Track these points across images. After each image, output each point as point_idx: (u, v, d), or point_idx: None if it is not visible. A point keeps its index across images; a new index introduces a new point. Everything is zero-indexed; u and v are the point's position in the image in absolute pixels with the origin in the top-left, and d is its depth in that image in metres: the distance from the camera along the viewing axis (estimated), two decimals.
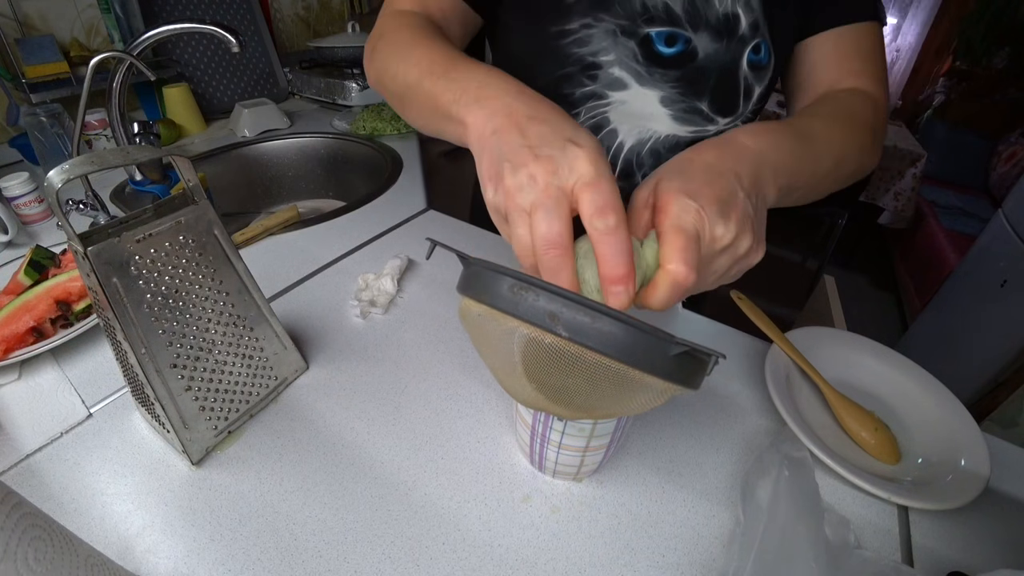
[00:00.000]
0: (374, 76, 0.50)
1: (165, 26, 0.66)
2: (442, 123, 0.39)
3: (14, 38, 0.87)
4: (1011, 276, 1.25)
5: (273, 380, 0.44)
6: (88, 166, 0.31)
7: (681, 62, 0.48)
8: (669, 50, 0.47)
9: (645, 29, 0.47)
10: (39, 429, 0.40)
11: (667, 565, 0.33)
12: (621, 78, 0.49)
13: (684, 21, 0.46)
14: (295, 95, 1.31)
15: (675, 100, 0.50)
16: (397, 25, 0.48)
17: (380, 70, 0.48)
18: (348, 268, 0.62)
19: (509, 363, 0.30)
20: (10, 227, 0.64)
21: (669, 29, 0.46)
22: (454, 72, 0.38)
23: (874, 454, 0.42)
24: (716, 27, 0.47)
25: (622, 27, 0.47)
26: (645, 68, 0.48)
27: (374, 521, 0.35)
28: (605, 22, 0.47)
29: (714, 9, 0.47)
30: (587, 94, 0.51)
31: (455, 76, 0.38)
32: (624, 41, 0.47)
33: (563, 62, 0.50)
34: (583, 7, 0.47)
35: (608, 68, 0.49)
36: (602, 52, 0.48)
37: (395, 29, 0.48)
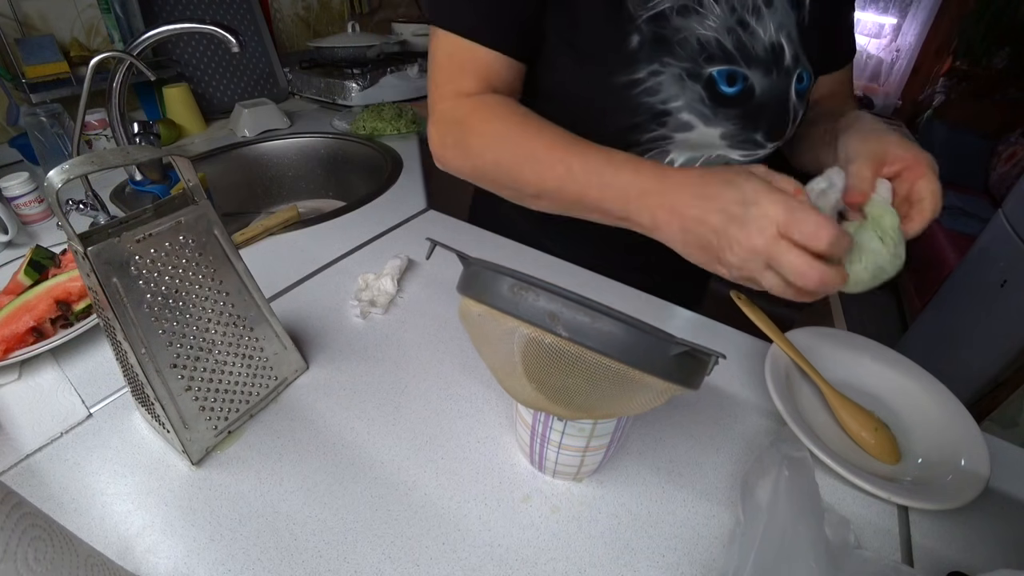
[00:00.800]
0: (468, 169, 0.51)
1: (165, 26, 0.66)
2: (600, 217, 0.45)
3: (14, 38, 0.87)
4: (1011, 276, 1.25)
5: (273, 380, 0.44)
6: (88, 166, 0.31)
7: (742, 100, 0.48)
8: (731, 89, 0.48)
9: (707, 69, 0.47)
10: (39, 429, 0.40)
11: (667, 565, 0.33)
12: (689, 121, 0.49)
13: (738, 57, 0.47)
14: (295, 95, 1.31)
15: (735, 134, 0.51)
16: (482, 117, 0.48)
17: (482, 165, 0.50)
18: (348, 268, 0.62)
19: (509, 363, 0.30)
20: (10, 227, 0.64)
21: (728, 67, 0.47)
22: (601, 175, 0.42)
23: (874, 454, 0.41)
24: (765, 60, 0.48)
25: (687, 70, 0.47)
26: (711, 109, 0.49)
27: (374, 521, 0.35)
28: (671, 67, 0.47)
29: (760, 41, 0.48)
30: (654, 138, 0.51)
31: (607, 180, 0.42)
32: (691, 85, 0.47)
33: (634, 112, 0.49)
34: (647, 53, 0.47)
35: (677, 114, 0.49)
36: (672, 99, 0.48)
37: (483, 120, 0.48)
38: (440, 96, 0.51)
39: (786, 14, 0.49)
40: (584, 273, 0.62)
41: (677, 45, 0.46)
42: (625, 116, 0.49)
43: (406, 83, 1.26)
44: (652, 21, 0.46)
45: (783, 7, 0.49)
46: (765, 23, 0.48)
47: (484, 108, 0.49)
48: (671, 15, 0.46)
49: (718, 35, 0.46)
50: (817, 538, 0.30)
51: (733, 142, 0.51)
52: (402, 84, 1.25)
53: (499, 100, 0.49)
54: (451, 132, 0.51)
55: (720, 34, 0.47)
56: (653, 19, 0.46)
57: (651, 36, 0.46)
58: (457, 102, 0.50)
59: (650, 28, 0.46)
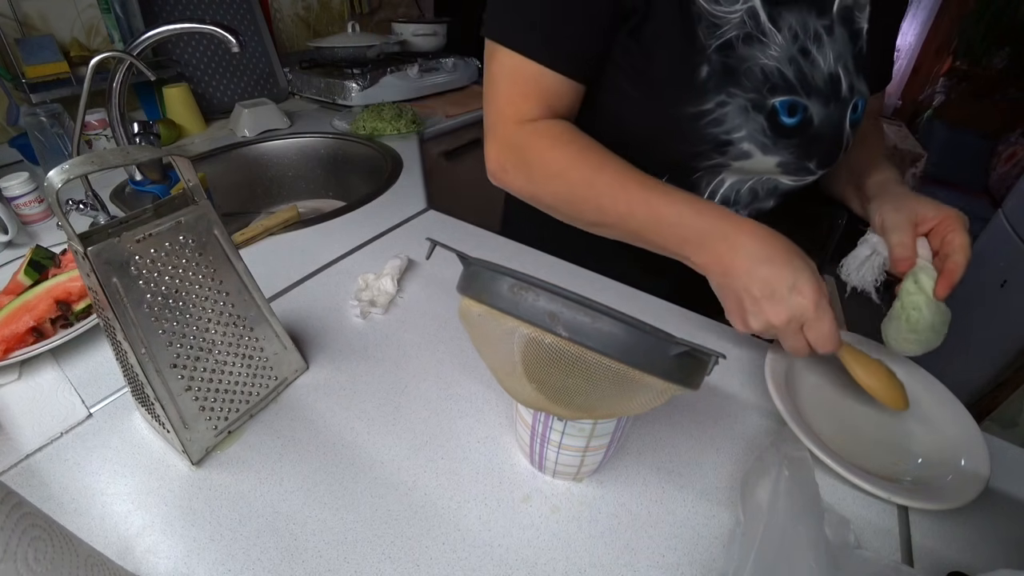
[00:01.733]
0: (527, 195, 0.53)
1: (165, 26, 0.66)
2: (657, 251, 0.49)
3: (14, 38, 0.87)
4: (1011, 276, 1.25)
5: (273, 380, 0.44)
6: (88, 166, 0.31)
7: (801, 130, 0.49)
8: (791, 120, 0.48)
9: (771, 100, 0.47)
10: (39, 429, 0.40)
11: (667, 565, 0.33)
12: (748, 151, 0.49)
13: (799, 87, 0.47)
14: (295, 95, 1.31)
15: (790, 163, 0.51)
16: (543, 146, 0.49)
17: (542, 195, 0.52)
18: (348, 268, 0.62)
19: (509, 363, 0.30)
20: (10, 227, 0.64)
21: (790, 98, 0.47)
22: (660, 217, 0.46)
23: (884, 399, 0.43)
24: (824, 91, 0.48)
25: (752, 101, 0.47)
26: (771, 140, 0.49)
27: (374, 521, 0.35)
28: (737, 98, 0.47)
29: (820, 71, 0.48)
30: (713, 165, 0.51)
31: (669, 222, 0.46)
32: (755, 116, 0.48)
33: (698, 142, 0.49)
34: (715, 83, 0.47)
35: (739, 144, 0.49)
36: (735, 130, 0.48)
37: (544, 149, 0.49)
38: (501, 118, 0.51)
39: (845, 44, 0.49)
40: (584, 273, 0.62)
41: (743, 75, 0.46)
42: (688, 145, 0.50)
43: (406, 83, 1.26)
44: (720, 51, 0.46)
45: (843, 37, 0.49)
46: (825, 52, 0.48)
47: (546, 137, 0.49)
48: (737, 44, 0.46)
49: (780, 65, 0.46)
50: (817, 538, 0.30)
51: (787, 169, 0.52)
52: (402, 84, 1.25)
53: (561, 128, 0.49)
54: (511, 157, 0.51)
55: (782, 64, 0.46)
56: (721, 48, 0.46)
57: (720, 67, 0.46)
58: (520, 127, 0.50)
59: (719, 58, 0.46)
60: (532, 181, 0.51)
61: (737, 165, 0.51)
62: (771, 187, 0.55)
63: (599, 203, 0.48)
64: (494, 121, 0.52)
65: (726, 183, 0.54)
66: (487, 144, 0.54)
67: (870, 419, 0.45)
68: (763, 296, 0.41)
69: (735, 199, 0.56)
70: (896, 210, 0.46)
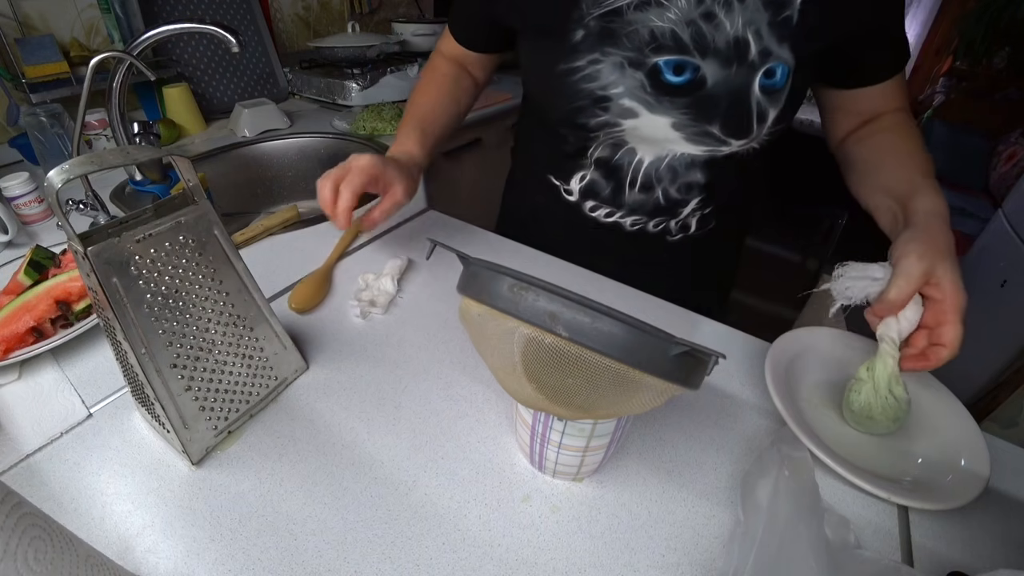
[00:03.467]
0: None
1: (165, 26, 0.66)
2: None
3: (14, 38, 0.87)
4: (1011, 276, 1.25)
5: (273, 380, 0.44)
6: (88, 166, 0.31)
7: (690, 90, 0.49)
8: (677, 79, 0.49)
9: (653, 59, 0.48)
10: (39, 429, 0.40)
11: (667, 565, 0.33)
12: (632, 108, 0.51)
13: (692, 48, 0.48)
14: (295, 95, 1.31)
15: (686, 125, 0.52)
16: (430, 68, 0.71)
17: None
18: (348, 268, 0.62)
19: (509, 363, 0.30)
20: (10, 227, 0.64)
21: (677, 57, 0.48)
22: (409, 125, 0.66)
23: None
24: (725, 53, 0.48)
25: (629, 59, 0.49)
26: (654, 97, 0.50)
27: (374, 521, 0.35)
28: (612, 56, 0.49)
29: (724, 34, 0.48)
30: (601, 123, 0.54)
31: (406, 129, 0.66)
32: (632, 73, 0.49)
33: (574, 97, 0.53)
34: (589, 44, 0.49)
35: (618, 99, 0.51)
36: (611, 85, 0.51)
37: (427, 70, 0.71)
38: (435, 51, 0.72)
39: (757, 11, 0.48)
40: (584, 273, 0.62)
41: (625, 37, 0.49)
42: (567, 100, 0.54)
43: (406, 83, 1.26)
44: (603, 17, 0.48)
45: (755, 4, 0.48)
46: (734, 16, 0.47)
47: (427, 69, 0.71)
48: (627, 11, 0.48)
49: (675, 27, 0.47)
50: (817, 538, 0.30)
51: (688, 134, 0.52)
52: (402, 84, 1.25)
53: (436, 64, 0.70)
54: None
55: (678, 26, 0.47)
56: (604, 15, 0.48)
57: (597, 30, 0.49)
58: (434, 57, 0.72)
59: (598, 23, 0.49)
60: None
61: (629, 124, 0.53)
62: (687, 161, 0.56)
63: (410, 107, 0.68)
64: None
65: (645, 162, 0.57)
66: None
67: None
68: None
69: (657, 176, 0.58)
70: (920, 258, 0.41)
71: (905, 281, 0.41)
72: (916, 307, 0.42)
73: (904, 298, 0.41)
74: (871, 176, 0.55)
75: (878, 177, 0.54)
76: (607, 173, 0.60)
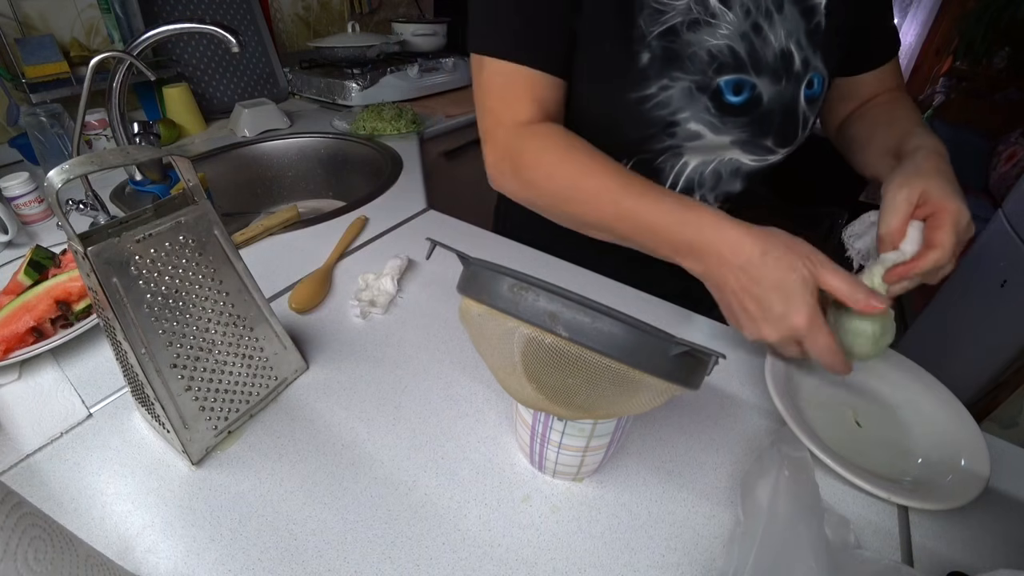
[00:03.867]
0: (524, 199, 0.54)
1: (165, 26, 0.66)
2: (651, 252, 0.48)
3: (14, 38, 0.87)
4: (1011, 276, 1.25)
5: (273, 380, 0.44)
6: (88, 166, 0.31)
7: (749, 108, 0.49)
8: (737, 99, 0.49)
9: (716, 80, 0.48)
10: (39, 429, 0.40)
11: (667, 565, 0.33)
12: (697, 131, 0.51)
13: (748, 65, 0.48)
14: (295, 95, 1.31)
15: (745, 141, 0.52)
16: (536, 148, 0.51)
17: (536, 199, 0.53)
18: (348, 268, 0.62)
19: (509, 363, 0.30)
20: (10, 227, 0.64)
21: (736, 76, 0.48)
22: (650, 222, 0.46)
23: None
24: (774, 67, 0.48)
25: (697, 83, 0.48)
26: (718, 119, 0.50)
27: (374, 521, 0.35)
28: (681, 80, 0.48)
29: (771, 47, 0.48)
30: (666, 147, 0.53)
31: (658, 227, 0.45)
32: (699, 96, 0.49)
33: (646, 126, 0.51)
34: (656, 68, 0.48)
35: (685, 124, 0.50)
36: (679, 111, 0.50)
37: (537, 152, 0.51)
38: (498, 122, 0.52)
39: (795, 20, 0.49)
40: (585, 273, 0.62)
41: (687, 60, 0.47)
42: (638, 129, 0.51)
43: (406, 83, 1.26)
44: (663, 37, 0.47)
45: (793, 14, 0.49)
46: (776, 29, 0.48)
47: (538, 138, 0.51)
48: (682, 29, 0.47)
49: (731, 42, 0.47)
50: (817, 538, 0.30)
51: (744, 147, 0.52)
52: (402, 84, 1.25)
53: (553, 130, 0.51)
54: (508, 161, 0.53)
55: (734, 41, 0.47)
56: (664, 35, 0.47)
57: (661, 52, 0.47)
58: (516, 131, 0.51)
59: (660, 44, 0.47)
60: (525, 185, 0.52)
61: (691, 146, 0.52)
62: (733, 168, 0.56)
63: (586, 208, 0.49)
64: (491, 126, 0.53)
65: (689, 166, 0.55)
66: (485, 150, 0.55)
67: (870, 419, 0.45)
68: (756, 315, 0.41)
69: (699, 181, 0.57)
70: (900, 186, 0.43)
71: (891, 213, 0.42)
72: (916, 234, 0.41)
73: (893, 229, 0.42)
74: (870, 145, 0.56)
75: (875, 143, 0.55)
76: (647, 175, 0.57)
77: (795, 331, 0.40)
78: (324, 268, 0.60)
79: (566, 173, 0.49)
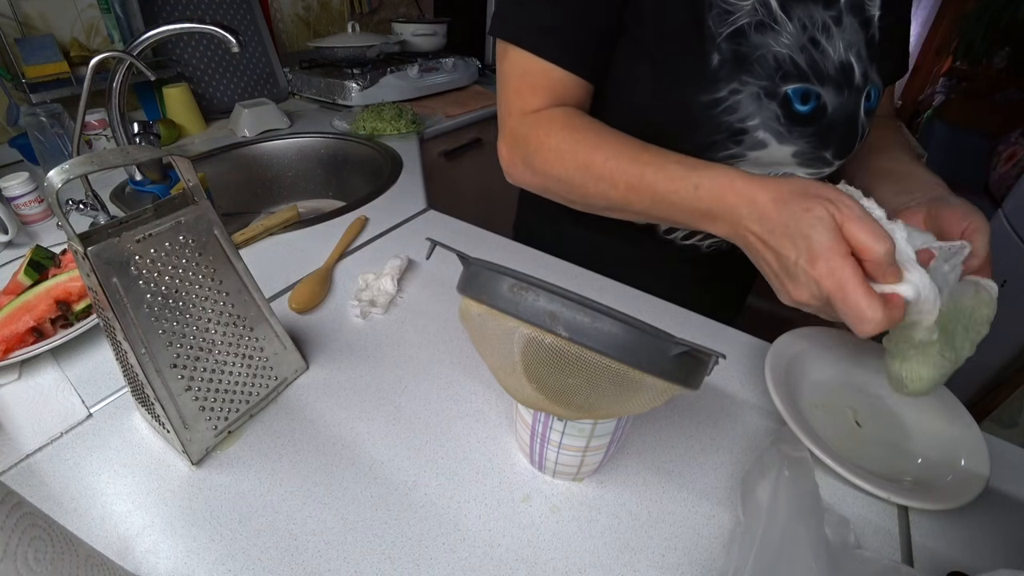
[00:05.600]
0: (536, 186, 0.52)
1: (165, 26, 0.66)
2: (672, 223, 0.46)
3: (14, 38, 0.87)
4: (1011, 276, 1.25)
5: (273, 380, 0.44)
6: (88, 166, 0.31)
7: (815, 118, 0.48)
8: (804, 108, 0.47)
9: (783, 87, 0.47)
10: (39, 429, 0.40)
11: (667, 565, 0.33)
12: (763, 139, 0.49)
13: (811, 75, 0.47)
14: (295, 95, 1.31)
15: (806, 152, 0.51)
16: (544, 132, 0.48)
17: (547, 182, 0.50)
18: (348, 268, 0.62)
19: (509, 363, 0.30)
20: (10, 227, 0.64)
21: (803, 85, 0.47)
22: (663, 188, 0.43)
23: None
24: (836, 79, 0.48)
25: (765, 89, 0.47)
26: (786, 128, 0.49)
27: (374, 521, 0.35)
28: (750, 85, 0.47)
29: (831, 59, 0.48)
30: (729, 155, 0.51)
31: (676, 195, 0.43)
32: (767, 103, 0.47)
33: (713, 131, 0.49)
34: (727, 71, 0.47)
35: (753, 132, 0.49)
36: (748, 118, 0.48)
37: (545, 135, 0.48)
38: (508, 112, 0.51)
39: (855, 32, 0.49)
40: (585, 273, 0.62)
41: (756, 63, 0.46)
42: (703, 134, 0.49)
43: (406, 83, 1.26)
44: (731, 38, 0.46)
45: (852, 26, 0.49)
46: (835, 42, 0.48)
47: (545, 123, 0.49)
48: (749, 31, 0.46)
49: (791, 52, 0.46)
50: (817, 538, 0.30)
51: (803, 160, 0.51)
52: (402, 84, 1.25)
53: (561, 112, 0.49)
54: (519, 150, 0.51)
55: (794, 52, 0.46)
56: (732, 36, 0.46)
57: (731, 55, 0.46)
58: (524, 119, 0.50)
59: (729, 46, 0.46)
60: (535, 171, 0.51)
61: (754, 156, 0.51)
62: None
63: (599, 187, 0.47)
64: (503, 116, 0.52)
65: None
66: (499, 143, 0.53)
67: (870, 419, 0.45)
68: (779, 271, 0.37)
69: None
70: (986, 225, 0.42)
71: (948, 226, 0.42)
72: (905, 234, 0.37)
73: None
74: (864, 159, 0.56)
75: (871, 160, 0.56)
76: None
77: (817, 287, 0.34)
78: (324, 268, 0.60)
79: (574, 152, 0.47)
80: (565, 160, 0.48)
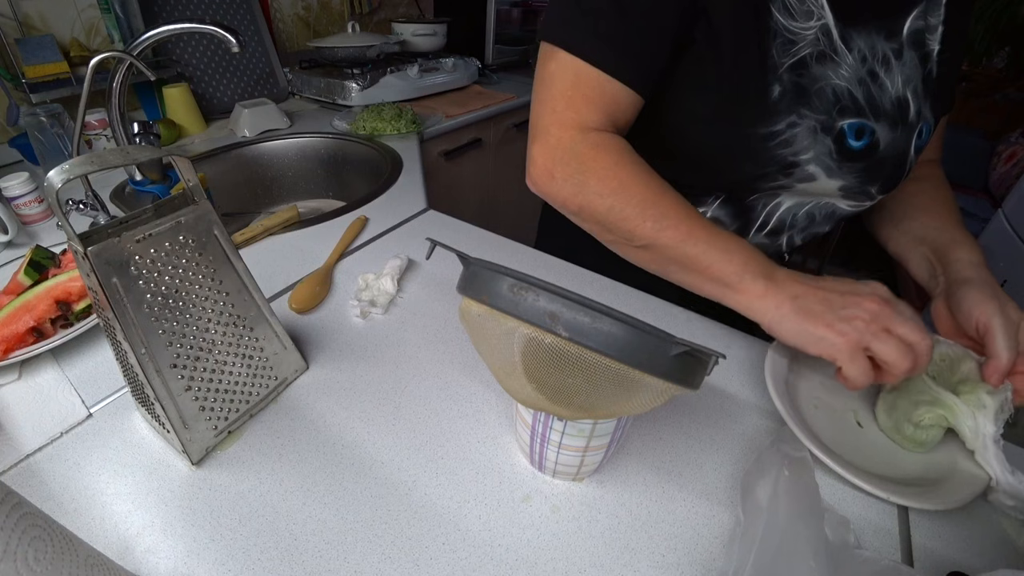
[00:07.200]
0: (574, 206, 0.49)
1: (165, 26, 0.66)
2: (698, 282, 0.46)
3: (14, 38, 0.87)
4: (1011, 276, 1.25)
5: (273, 380, 0.44)
6: (88, 166, 0.31)
7: (867, 154, 0.48)
8: (858, 143, 0.47)
9: (840, 122, 0.46)
10: (39, 429, 0.40)
11: (667, 565, 0.33)
12: (813, 173, 0.49)
13: (867, 110, 0.46)
14: (295, 95, 1.31)
15: (850, 187, 0.50)
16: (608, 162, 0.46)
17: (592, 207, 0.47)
18: (348, 268, 0.62)
19: (509, 363, 0.30)
20: (10, 227, 0.64)
21: (858, 121, 0.46)
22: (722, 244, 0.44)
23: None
24: (891, 115, 0.47)
25: (821, 123, 0.46)
26: (837, 163, 0.48)
27: (374, 521, 0.35)
28: (808, 119, 0.46)
29: (888, 94, 0.47)
30: (776, 185, 0.50)
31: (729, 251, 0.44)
32: (823, 138, 0.47)
33: (766, 163, 0.48)
34: (787, 103, 0.46)
35: (805, 165, 0.48)
36: (803, 151, 0.47)
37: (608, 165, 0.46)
38: (558, 122, 0.48)
39: (914, 68, 0.48)
40: (585, 274, 0.62)
41: (815, 96, 0.45)
42: (755, 166, 0.49)
43: (406, 83, 1.26)
44: (793, 69, 0.45)
45: (912, 61, 0.48)
46: (894, 76, 0.47)
47: (612, 151, 0.47)
48: (810, 63, 0.45)
49: (850, 86, 0.46)
50: (817, 538, 0.30)
51: (847, 193, 0.51)
52: (402, 84, 1.25)
53: (624, 146, 0.48)
54: (566, 164, 0.48)
55: (852, 85, 0.46)
56: (794, 67, 0.45)
57: (792, 86, 0.45)
58: (580, 135, 0.47)
59: (791, 77, 0.45)
60: (585, 193, 0.47)
61: (801, 187, 0.50)
62: (828, 212, 0.54)
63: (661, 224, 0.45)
64: (548, 124, 0.48)
65: (783, 206, 0.54)
66: (534, 147, 0.49)
67: (870, 419, 0.45)
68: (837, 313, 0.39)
69: (791, 223, 0.55)
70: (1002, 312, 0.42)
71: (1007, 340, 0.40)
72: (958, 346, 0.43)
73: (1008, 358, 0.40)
74: (902, 223, 0.55)
75: (911, 224, 0.55)
76: (736, 212, 0.55)
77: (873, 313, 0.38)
78: (324, 268, 0.60)
79: (639, 188, 0.46)
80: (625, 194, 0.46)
